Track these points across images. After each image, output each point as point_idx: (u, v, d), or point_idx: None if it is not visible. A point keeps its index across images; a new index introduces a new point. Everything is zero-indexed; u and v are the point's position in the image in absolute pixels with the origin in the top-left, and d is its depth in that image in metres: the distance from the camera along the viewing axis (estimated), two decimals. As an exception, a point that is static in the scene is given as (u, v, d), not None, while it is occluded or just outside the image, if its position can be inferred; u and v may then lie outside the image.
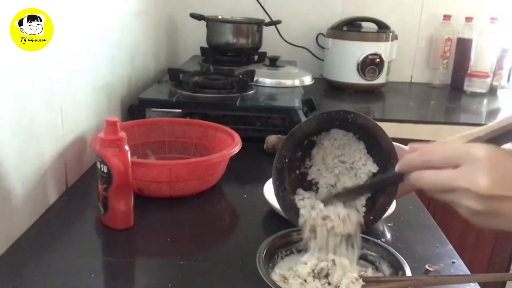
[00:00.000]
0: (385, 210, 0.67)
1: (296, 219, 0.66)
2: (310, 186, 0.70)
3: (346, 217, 0.64)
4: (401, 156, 0.59)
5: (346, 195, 0.66)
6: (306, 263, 0.61)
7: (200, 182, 0.87)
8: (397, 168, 0.56)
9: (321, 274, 0.59)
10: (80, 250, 0.70)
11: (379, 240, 0.67)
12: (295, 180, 0.70)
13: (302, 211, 0.66)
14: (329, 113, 0.65)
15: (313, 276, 0.59)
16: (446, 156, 0.49)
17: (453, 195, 0.48)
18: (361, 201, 0.67)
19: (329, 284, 0.58)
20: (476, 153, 0.46)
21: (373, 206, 0.67)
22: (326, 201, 0.66)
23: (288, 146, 0.66)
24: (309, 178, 0.70)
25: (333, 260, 0.61)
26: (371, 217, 0.67)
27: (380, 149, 0.65)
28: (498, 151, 0.46)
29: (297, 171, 0.70)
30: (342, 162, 0.69)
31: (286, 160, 0.66)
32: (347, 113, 0.64)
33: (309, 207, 0.66)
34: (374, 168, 0.67)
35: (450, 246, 0.74)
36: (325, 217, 0.64)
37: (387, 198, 0.66)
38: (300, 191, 0.69)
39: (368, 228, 0.67)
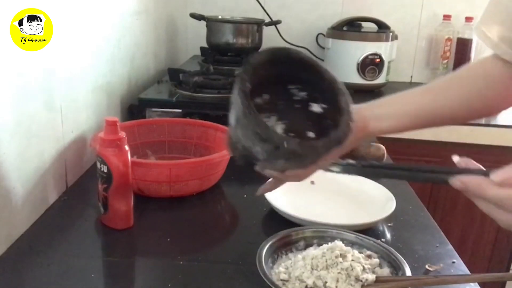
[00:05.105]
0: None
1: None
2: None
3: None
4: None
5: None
6: (305, 263, 0.61)
7: (200, 182, 0.87)
8: (457, 185, 0.50)
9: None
10: (80, 250, 0.70)
11: (379, 240, 0.67)
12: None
13: None
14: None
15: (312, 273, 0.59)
16: None
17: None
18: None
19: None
20: None
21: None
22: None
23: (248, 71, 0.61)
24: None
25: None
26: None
27: (323, 84, 0.61)
28: None
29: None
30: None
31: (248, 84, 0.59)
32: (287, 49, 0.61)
33: None
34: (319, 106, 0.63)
35: (450, 246, 0.74)
36: None
37: (340, 133, 0.56)
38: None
39: None
